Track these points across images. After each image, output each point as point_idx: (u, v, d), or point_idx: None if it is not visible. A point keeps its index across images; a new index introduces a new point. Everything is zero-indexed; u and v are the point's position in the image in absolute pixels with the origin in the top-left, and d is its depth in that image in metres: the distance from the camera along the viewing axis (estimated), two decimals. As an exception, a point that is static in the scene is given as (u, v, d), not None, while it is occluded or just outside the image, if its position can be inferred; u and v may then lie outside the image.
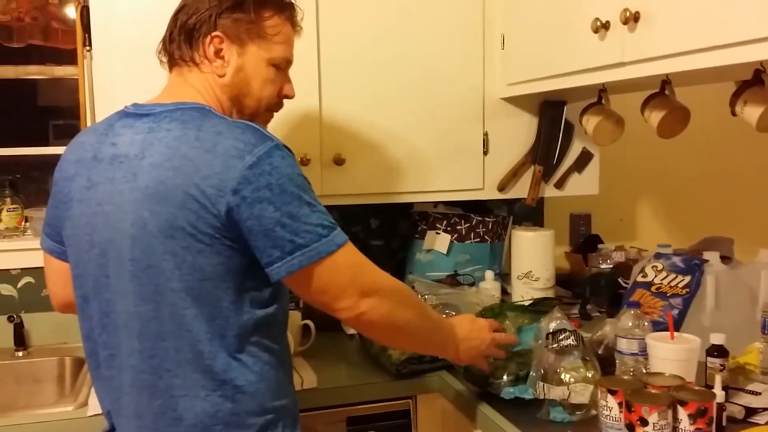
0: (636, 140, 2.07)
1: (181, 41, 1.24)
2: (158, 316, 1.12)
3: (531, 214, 2.46)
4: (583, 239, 2.46)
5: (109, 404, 1.24)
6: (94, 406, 1.51)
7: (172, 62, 1.27)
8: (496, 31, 1.97)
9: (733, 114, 1.39)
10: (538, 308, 1.61)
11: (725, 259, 1.92)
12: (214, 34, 1.21)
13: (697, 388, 1.20)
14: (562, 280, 2.35)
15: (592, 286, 2.14)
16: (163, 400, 1.14)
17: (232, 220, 1.08)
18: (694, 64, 1.31)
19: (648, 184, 2.61)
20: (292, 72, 1.36)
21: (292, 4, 1.32)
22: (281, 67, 1.30)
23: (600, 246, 2.34)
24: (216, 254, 1.10)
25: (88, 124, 1.81)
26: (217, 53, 1.23)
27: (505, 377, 1.49)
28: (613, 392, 1.23)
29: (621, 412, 1.20)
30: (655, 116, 1.56)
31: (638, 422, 1.14)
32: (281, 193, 1.08)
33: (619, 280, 2.03)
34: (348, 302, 1.15)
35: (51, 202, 1.28)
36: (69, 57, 2.04)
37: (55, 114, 2.29)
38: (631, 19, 1.38)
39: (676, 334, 1.35)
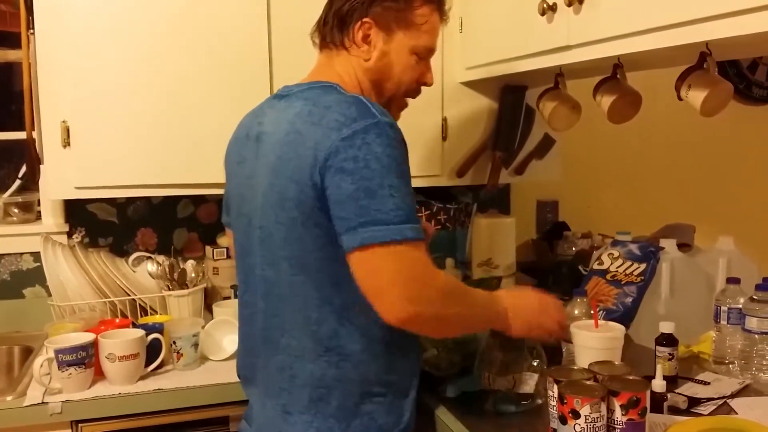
0: (606, 126, 2.03)
1: (334, 26, 1.29)
2: (278, 280, 1.21)
3: (497, 201, 2.43)
4: (550, 226, 2.43)
5: (245, 358, 1.35)
6: (32, 397, 1.49)
7: (323, 45, 1.33)
8: (455, 13, 1.91)
9: (680, 98, 1.35)
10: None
11: (684, 246, 1.89)
12: (364, 20, 1.26)
13: (631, 377, 1.17)
14: (528, 267, 2.33)
15: (555, 274, 2.11)
16: (283, 356, 1.23)
17: (324, 189, 1.11)
18: (639, 45, 1.27)
19: (617, 170, 2.57)
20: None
21: None
22: (423, 55, 1.34)
23: (566, 233, 2.31)
24: (315, 225, 1.14)
25: (34, 108, 1.77)
26: (365, 38, 1.28)
27: (448, 366, 1.48)
28: (559, 382, 1.21)
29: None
30: (606, 100, 1.53)
31: (570, 414, 1.12)
32: (364, 168, 1.08)
33: (580, 267, 2.00)
34: (391, 301, 1.09)
35: (226, 181, 1.41)
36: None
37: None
38: (576, 1, 1.35)
39: (600, 322, 1.33)
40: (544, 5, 1.43)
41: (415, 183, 1.94)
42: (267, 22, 1.79)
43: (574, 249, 2.22)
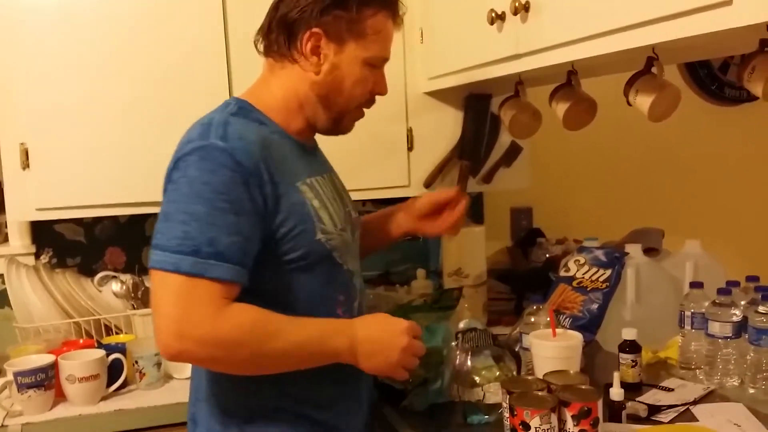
0: (579, 131, 2.03)
1: (280, 34, 1.21)
2: None
3: (470, 209, 2.41)
4: (524, 233, 2.42)
5: None
6: (-9, 422, 1.48)
7: (268, 52, 1.25)
8: (415, 24, 1.93)
9: (629, 104, 1.35)
10: (442, 303, 1.58)
11: (652, 250, 1.89)
12: (313, 30, 1.18)
13: (583, 387, 1.15)
14: (502, 275, 2.32)
15: (526, 281, 2.10)
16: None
17: None
18: (584, 52, 1.26)
19: (591, 175, 2.57)
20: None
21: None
22: (377, 65, 1.27)
23: (539, 240, 2.30)
24: None
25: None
26: (314, 50, 1.20)
27: (411, 378, 1.46)
28: (510, 394, 1.20)
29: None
30: (561, 108, 1.53)
31: (521, 426, 1.10)
32: (174, 191, 1.08)
33: (550, 274, 1.99)
34: (161, 332, 1.03)
35: None
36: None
37: None
38: (521, 9, 1.34)
39: (559, 330, 1.31)
40: (493, 14, 1.43)
41: (383, 194, 2.00)
42: (224, 38, 1.79)
43: (547, 255, 2.21)
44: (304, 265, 1.17)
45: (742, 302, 1.47)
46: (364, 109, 1.33)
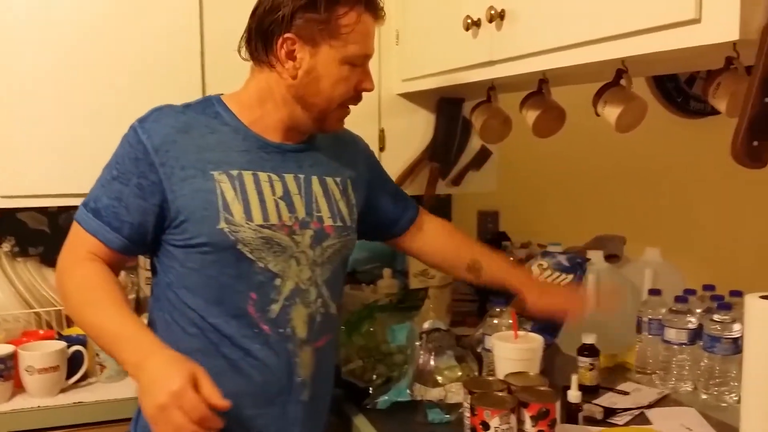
0: (551, 138, 2.06)
1: (258, 41, 1.24)
2: None
3: (438, 211, 2.43)
4: (490, 236, 2.45)
5: None
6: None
7: (252, 58, 1.28)
8: (391, 25, 1.94)
9: (597, 114, 1.38)
10: (408, 303, 1.60)
11: (613, 257, 1.93)
12: (286, 35, 1.20)
13: (542, 389, 1.18)
14: (468, 277, 2.34)
15: (491, 284, 2.12)
16: None
17: None
18: (557, 62, 1.29)
19: (558, 180, 2.61)
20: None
21: None
22: (358, 63, 1.26)
23: (504, 243, 2.34)
24: None
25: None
26: (289, 55, 1.22)
27: (374, 377, 1.48)
28: (472, 394, 1.22)
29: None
30: (531, 115, 1.55)
31: (481, 426, 1.13)
32: None
33: (514, 278, 2.02)
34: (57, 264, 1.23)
35: None
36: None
37: None
38: (497, 17, 1.37)
39: (520, 333, 1.34)
40: (468, 21, 1.45)
41: (353, 193, 2.00)
42: (200, 34, 1.78)
43: (511, 259, 2.24)
44: (207, 252, 1.19)
45: (698, 310, 1.52)
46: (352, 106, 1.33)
